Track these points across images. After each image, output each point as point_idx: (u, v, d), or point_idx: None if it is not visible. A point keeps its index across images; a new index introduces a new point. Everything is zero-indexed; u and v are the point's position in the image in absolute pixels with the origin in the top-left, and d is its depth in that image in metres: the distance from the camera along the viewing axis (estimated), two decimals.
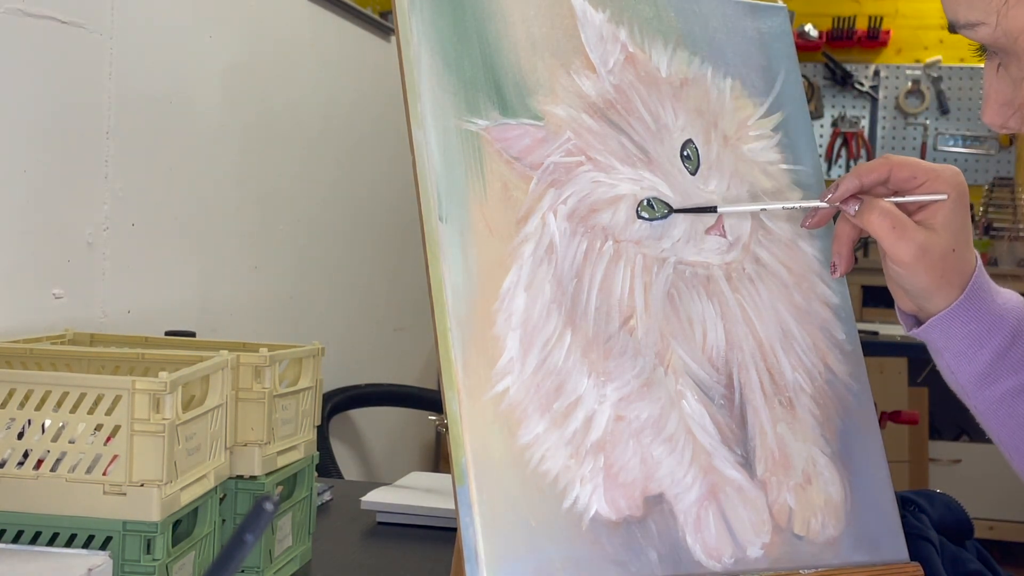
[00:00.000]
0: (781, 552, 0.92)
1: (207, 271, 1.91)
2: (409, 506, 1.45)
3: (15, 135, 1.38)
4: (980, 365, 0.95)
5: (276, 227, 2.21)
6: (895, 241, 0.92)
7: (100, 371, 1.13)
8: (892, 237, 0.92)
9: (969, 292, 0.93)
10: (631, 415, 0.89)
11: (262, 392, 1.12)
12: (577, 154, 0.93)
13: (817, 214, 0.98)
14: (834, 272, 0.98)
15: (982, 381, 0.95)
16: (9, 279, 1.38)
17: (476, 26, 0.92)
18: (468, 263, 0.86)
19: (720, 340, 0.96)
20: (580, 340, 0.89)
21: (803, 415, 0.98)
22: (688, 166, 0.98)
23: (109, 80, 1.56)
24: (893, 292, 0.98)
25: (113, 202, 1.58)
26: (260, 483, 1.12)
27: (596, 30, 0.98)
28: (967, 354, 0.95)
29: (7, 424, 0.97)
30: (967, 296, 0.93)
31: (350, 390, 2.60)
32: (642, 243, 0.94)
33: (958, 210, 0.94)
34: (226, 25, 1.95)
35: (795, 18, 5.02)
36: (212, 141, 1.92)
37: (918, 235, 0.92)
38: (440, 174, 0.87)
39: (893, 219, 0.92)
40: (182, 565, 1.00)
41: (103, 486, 0.94)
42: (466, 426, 0.82)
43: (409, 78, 0.88)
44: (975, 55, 0.86)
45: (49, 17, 1.42)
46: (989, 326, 0.94)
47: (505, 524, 0.81)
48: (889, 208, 0.93)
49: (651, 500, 0.88)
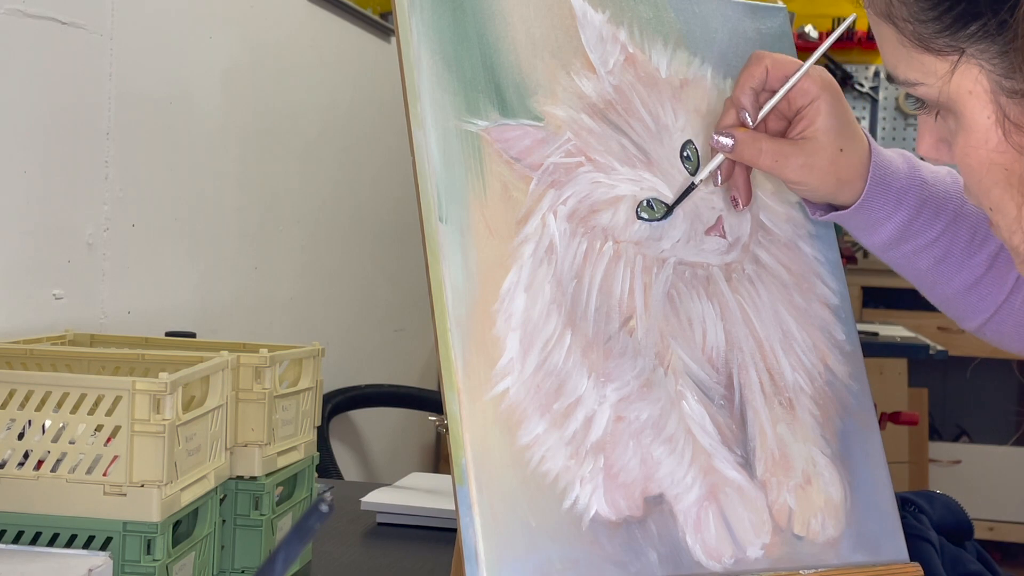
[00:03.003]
0: (781, 552, 0.92)
1: (207, 271, 1.91)
2: (409, 507, 1.45)
3: (15, 135, 1.38)
4: (882, 238, 1.00)
5: (276, 227, 2.21)
6: (779, 168, 0.96)
7: (100, 372, 1.13)
8: (775, 166, 0.96)
9: (868, 190, 0.97)
10: (631, 415, 0.89)
11: (262, 393, 1.12)
12: (577, 155, 0.93)
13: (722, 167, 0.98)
14: (736, 206, 0.99)
15: (885, 247, 1.01)
16: (9, 279, 1.38)
17: (476, 27, 0.92)
18: (468, 263, 0.86)
19: (720, 341, 0.96)
20: (580, 340, 0.89)
21: (803, 416, 0.98)
22: (688, 167, 0.98)
23: (109, 80, 1.56)
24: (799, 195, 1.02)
25: (113, 203, 1.58)
26: (260, 484, 1.12)
27: (596, 31, 0.98)
28: (869, 230, 1.00)
29: (7, 425, 0.97)
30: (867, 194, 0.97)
31: (350, 391, 2.60)
32: (642, 244, 0.94)
33: (834, 110, 0.97)
34: (226, 25, 1.95)
35: (795, 19, 5.01)
36: (212, 141, 1.92)
37: (798, 155, 0.96)
38: (440, 175, 0.87)
39: (769, 149, 0.95)
40: (182, 566, 1.00)
41: (103, 487, 0.94)
42: (466, 426, 0.82)
43: (409, 79, 0.88)
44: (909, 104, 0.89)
45: (49, 17, 1.42)
46: (891, 209, 0.98)
47: (505, 524, 0.81)
48: (762, 140, 0.96)
49: (651, 500, 0.88)
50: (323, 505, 0.50)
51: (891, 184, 0.98)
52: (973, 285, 1.01)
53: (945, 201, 0.99)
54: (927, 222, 0.99)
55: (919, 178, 0.99)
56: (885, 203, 0.98)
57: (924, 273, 1.02)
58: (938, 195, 0.99)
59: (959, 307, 1.03)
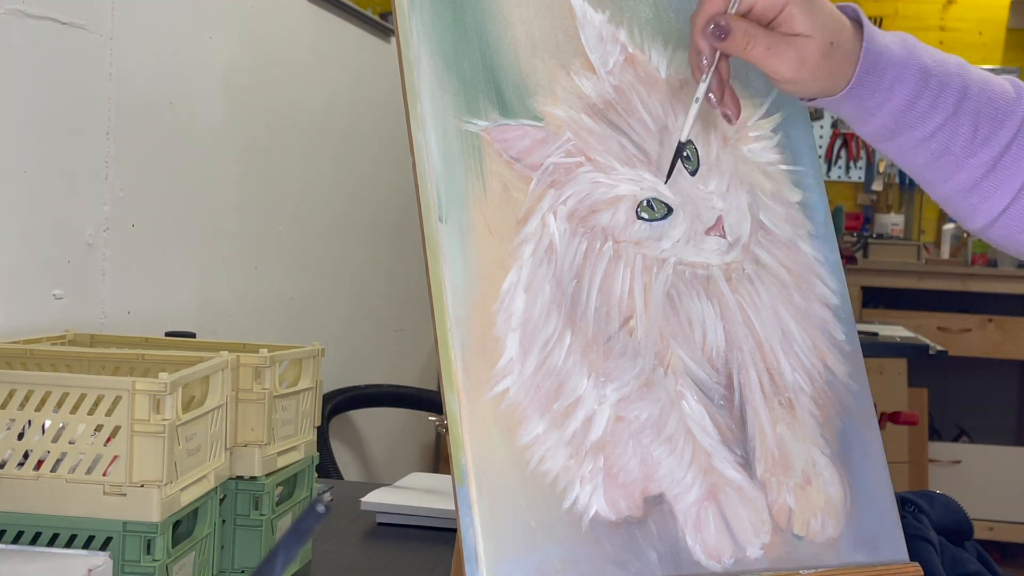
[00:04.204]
0: (781, 552, 0.92)
1: (207, 271, 1.91)
2: (409, 507, 1.45)
3: (15, 135, 1.38)
4: (875, 127, 0.96)
5: (276, 227, 2.21)
6: (771, 61, 0.92)
7: (100, 372, 1.13)
8: (766, 56, 0.92)
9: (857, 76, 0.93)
10: (631, 415, 0.89)
11: (262, 393, 1.12)
12: (577, 155, 0.93)
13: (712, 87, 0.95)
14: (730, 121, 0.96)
15: (879, 137, 0.97)
16: (9, 279, 1.38)
17: (476, 27, 0.92)
18: (468, 263, 0.86)
19: (720, 341, 0.96)
20: (580, 340, 0.89)
21: (803, 415, 0.98)
22: (688, 167, 0.98)
23: (109, 80, 1.56)
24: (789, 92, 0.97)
25: (113, 203, 1.58)
26: (260, 484, 1.12)
27: (596, 31, 0.98)
28: (862, 119, 0.96)
29: (7, 425, 0.97)
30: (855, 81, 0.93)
31: (350, 391, 2.60)
32: (642, 244, 0.94)
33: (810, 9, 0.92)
34: (226, 25, 1.95)
35: None
36: (212, 141, 1.92)
37: (789, 48, 0.91)
38: (440, 175, 0.87)
39: (764, 37, 0.92)
40: (182, 566, 1.00)
41: (103, 487, 0.94)
42: (466, 426, 0.82)
43: (409, 79, 0.88)
44: None
45: (49, 18, 1.42)
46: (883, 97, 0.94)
47: (505, 524, 0.81)
48: (757, 28, 0.92)
49: (651, 500, 0.88)
50: (320, 506, 0.50)
51: (884, 71, 0.94)
52: (974, 186, 0.97)
53: (945, 91, 0.95)
54: (924, 113, 0.95)
55: (917, 65, 0.95)
56: (876, 90, 0.94)
57: (922, 169, 0.98)
58: (938, 84, 0.95)
59: (960, 207, 0.99)
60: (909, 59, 0.95)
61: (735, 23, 0.91)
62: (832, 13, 0.93)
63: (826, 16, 0.93)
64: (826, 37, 0.92)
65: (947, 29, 5.05)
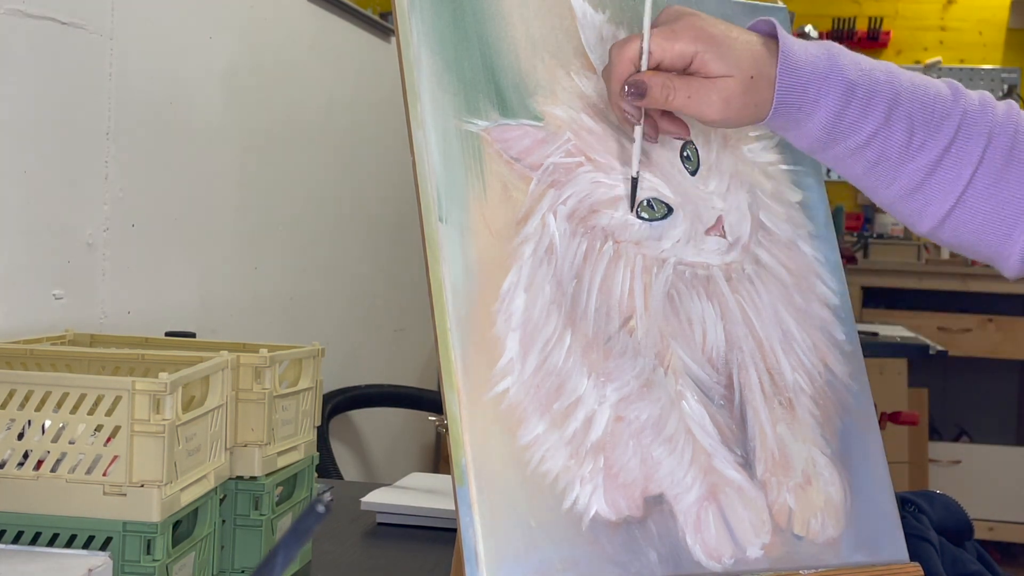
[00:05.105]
0: (781, 552, 0.92)
1: (207, 271, 1.91)
2: (409, 507, 1.45)
3: (15, 135, 1.38)
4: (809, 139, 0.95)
5: (276, 227, 2.21)
6: (695, 106, 0.91)
7: (100, 372, 1.13)
8: (689, 104, 0.91)
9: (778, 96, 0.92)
10: (631, 415, 0.89)
11: (262, 393, 1.12)
12: (577, 155, 0.93)
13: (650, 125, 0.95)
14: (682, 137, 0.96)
15: (814, 148, 0.96)
16: (9, 279, 1.38)
17: (476, 27, 0.92)
18: (468, 263, 0.86)
19: (720, 341, 0.96)
20: (580, 340, 0.89)
21: (803, 415, 0.98)
22: (688, 167, 0.98)
23: (109, 81, 1.56)
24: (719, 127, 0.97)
25: (113, 203, 1.58)
26: (260, 484, 1.12)
27: (596, 31, 0.98)
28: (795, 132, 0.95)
29: (7, 425, 0.97)
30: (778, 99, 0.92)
31: (350, 391, 2.60)
32: (642, 244, 0.94)
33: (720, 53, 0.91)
34: (226, 26, 1.95)
35: (795, 19, 5.02)
36: (212, 141, 1.92)
37: (710, 91, 0.91)
38: (440, 175, 0.87)
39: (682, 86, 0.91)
40: (182, 566, 1.00)
41: (103, 487, 0.94)
42: (466, 426, 0.82)
43: (409, 79, 0.88)
44: None
45: (49, 18, 1.42)
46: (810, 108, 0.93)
47: (505, 524, 0.81)
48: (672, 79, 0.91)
49: (651, 500, 0.88)
50: (319, 506, 0.50)
51: (806, 87, 0.93)
52: (916, 190, 0.97)
53: (874, 99, 0.94)
54: (854, 122, 0.94)
55: (841, 76, 0.94)
56: (802, 105, 0.93)
57: (861, 177, 0.98)
58: (865, 93, 0.94)
59: (904, 212, 0.99)
60: (832, 70, 0.94)
61: (650, 79, 0.91)
62: (746, 46, 0.92)
63: (739, 52, 0.91)
64: (745, 72, 0.91)
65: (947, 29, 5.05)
